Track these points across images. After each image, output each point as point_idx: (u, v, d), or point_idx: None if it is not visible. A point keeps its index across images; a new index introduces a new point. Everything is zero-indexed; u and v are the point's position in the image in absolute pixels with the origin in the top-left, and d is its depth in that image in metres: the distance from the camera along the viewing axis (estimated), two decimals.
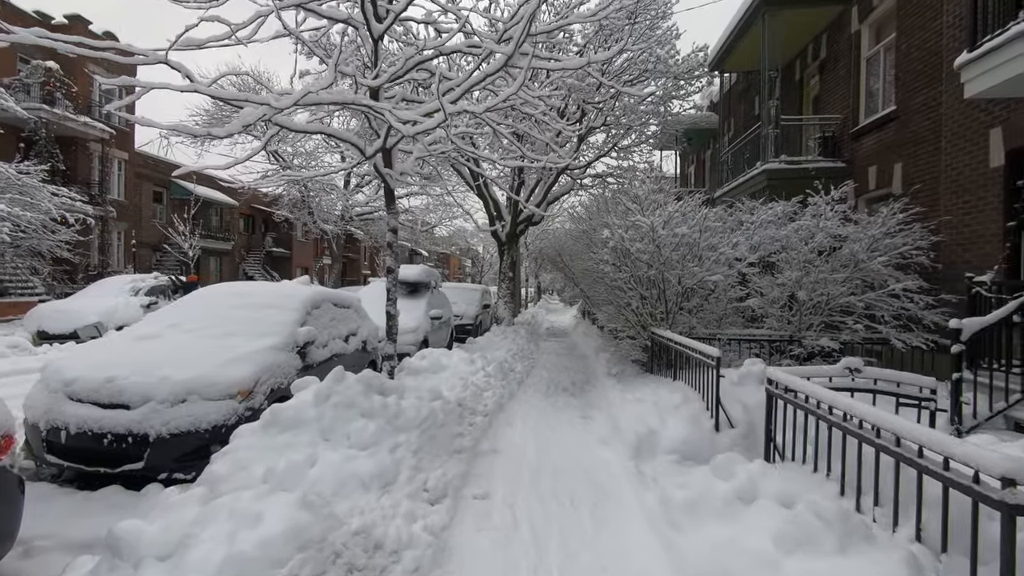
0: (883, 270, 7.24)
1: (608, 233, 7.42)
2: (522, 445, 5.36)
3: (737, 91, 16.34)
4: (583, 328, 19.32)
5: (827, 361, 7.77)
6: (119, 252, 24.92)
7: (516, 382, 8.63)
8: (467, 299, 17.57)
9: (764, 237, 7.68)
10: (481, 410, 6.07)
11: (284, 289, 6.31)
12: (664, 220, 7.28)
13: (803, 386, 3.32)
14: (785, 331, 7.89)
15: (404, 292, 11.25)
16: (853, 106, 10.31)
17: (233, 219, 33.35)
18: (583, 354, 13.27)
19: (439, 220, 34.30)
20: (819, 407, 3.14)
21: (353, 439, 3.86)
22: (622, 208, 8.09)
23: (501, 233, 17.44)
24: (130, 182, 25.54)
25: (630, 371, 8.81)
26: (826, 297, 7.56)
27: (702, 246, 7.55)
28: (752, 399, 5.10)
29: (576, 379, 9.42)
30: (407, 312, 10.43)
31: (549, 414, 6.80)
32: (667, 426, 4.95)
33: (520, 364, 10.13)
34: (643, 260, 7.62)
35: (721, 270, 7.45)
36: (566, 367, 11.03)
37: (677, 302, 7.83)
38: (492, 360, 9.01)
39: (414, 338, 9.73)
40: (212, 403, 4.32)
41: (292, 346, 5.41)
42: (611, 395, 7.19)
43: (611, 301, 8.93)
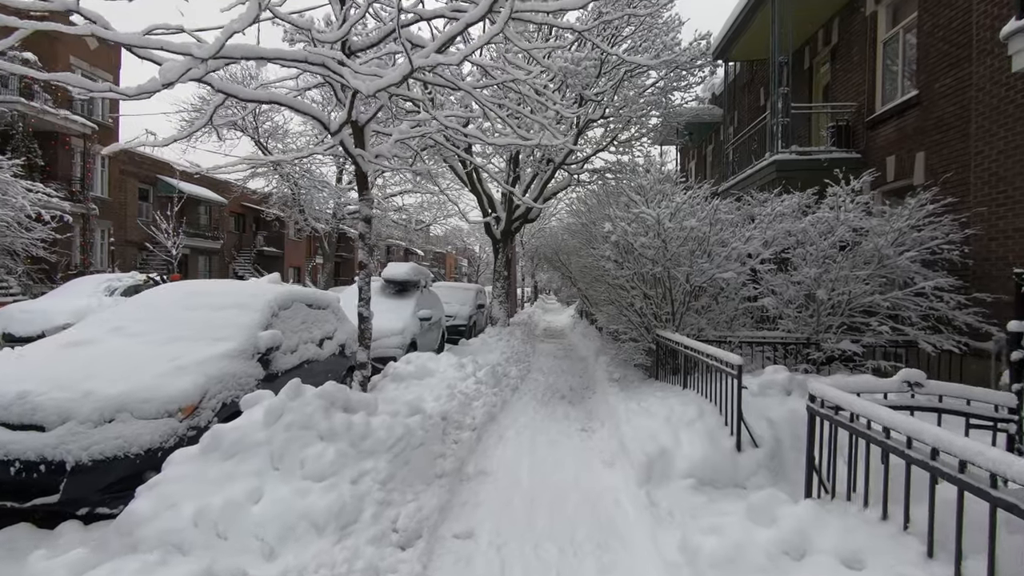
0: (911, 266, 6.61)
1: (610, 227, 6.77)
2: (515, 466, 4.70)
3: (741, 83, 15.72)
4: (581, 329, 18.67)
5: (847, 366, 7.14)
6: (103, 251, 24.16)
7: (510, 389, 7.98)
8: (460, 299, 16.90)
9: (779, 231, 7.03)
10: (469, 424, 5.41)
11: (248, 288, 5.64)
12: (671, 212, 6.63)
13: (858, 406, 2.67)
14: (802, 333, 7.25)
15: (391, 292, 10.59)
16: (869, 93, 9.68)
17: (223, 217, 32.58)
18: (582, 356, 12.62)
19: (434, 218, 33.66)
20: (887, 436, 2.48)
21: (308, 467, 3.19)
22: (625, 200, 7.44)
23: (496, 230, 16.79)
24: (114, 179, 24.78)
25: (633, 376, 8.16)
26: (847, 296, 6.92)
27: (712, 241, 6.90)
28: (777, 412, 4.46)
29: (575, 385, 8.77)
30: (393, 313, 9.78)
31: (546, 426, 6.14)
32: (681, 445, 4.30)
33: (515, 368, 9.47)
34: (648, 256, 6.97)
35: (733, 267, 6.81)
36: (564, 371, 10.37)
37: (684, 302, 7.18)
38: (484, 364, 8.36)
39: (400, 341, 9.07)
40: (146, 422, 3.65)
41: (252, 353, 4.74)
42: (614, 403, 6.53)
43: (612, 301, 8.27)
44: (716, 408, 4.75)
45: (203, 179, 30.40)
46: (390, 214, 32.07)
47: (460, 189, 28.65)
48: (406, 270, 10.47)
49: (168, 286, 5.58)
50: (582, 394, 8.08)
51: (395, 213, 32.28)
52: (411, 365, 7.48)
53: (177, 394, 3.83)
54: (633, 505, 3.82)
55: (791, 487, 3.93)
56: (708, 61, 13.91)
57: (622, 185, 8.31)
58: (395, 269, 10.51)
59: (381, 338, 8.98)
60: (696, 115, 17.64)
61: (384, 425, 3.70)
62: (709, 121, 17.99)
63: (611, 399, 6.74)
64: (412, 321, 9.82)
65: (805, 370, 7.06)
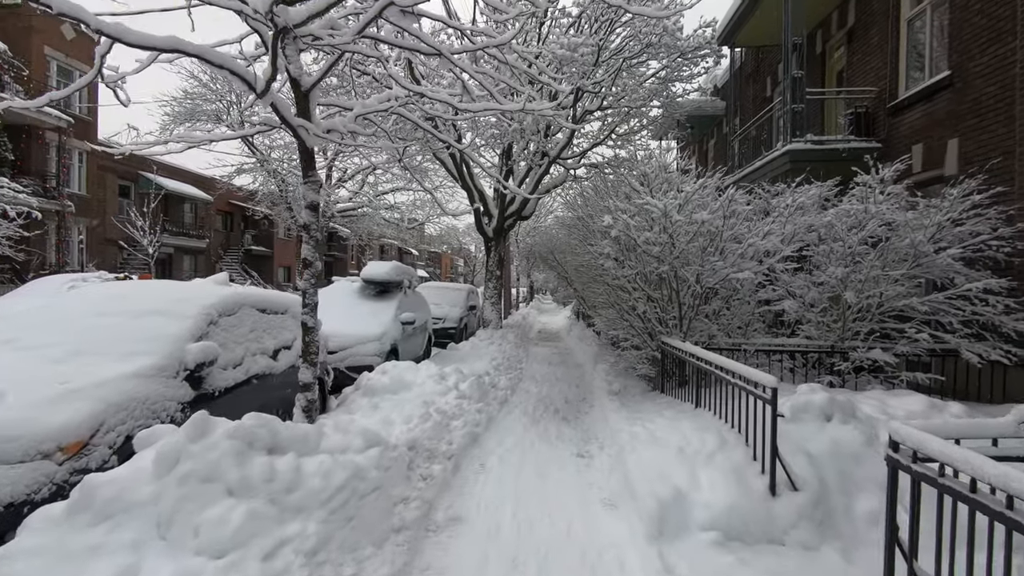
0: (954, 265, 5.80)
1: (610, 220, 5.93)
2: (496, 507, 3.86)
3: (745, 73, 14.92)
4: (577, 332, 17.85)
5: (877, 378, 6.33)
6: (80, 249, 23.22)
7: (498, 402, 7.13)
8: (451, 300, 16.06)
9: (800, 225, 6.21)
10: (444, 451, 4.56)
11: (183, 291, 4.77)
12: (680, 203, 5.80)
13: (976, 465, 1.83)
14: (825, 341, 6.44)
15: (371, 294, 9.75)
16: (891, 77, 8.88)
17: (209, 216, 31.65)
18: (578, 363, 11.78)
19: (427, 217, 32.77)
20: None
21: (205, 537, 2.35)
22: (626, 190, 6.61)
23: (487, 228, 15.94)
24: (92, 175, 23.83)
25: (634, 388, 7.33)
26: (877, 299, 6.11)
27: (725, 237, 6.08)
28: (817, 444, 3.63)
29: (571, 396, 7.93)
30: (372, 316, 8.94)
31: (536, 450, 5.30)
32: (700, 486, 3.47)
33: (504, 377, 8.63)
34: (652, 254, 6.14)
35: (750, 266, 5.98)
36: (559, 379, 9.54)
37: (694, 305, 6.36)
38: (469, 375, 7.51)
39: (378, 347, 8.22)
40: (7, 468, 2.80)
41: (176, 369, 3.89)
42: (615, 423, 5.70)
43: (612, 303, 7.43)
44: (741, 436, 3.92)
45: (188, 176, 29.48)
46: (382, 212, 31.20)
47: (453, 186, 27.89)
48: (387, 269, 9.62)
49: (81, 290, 4.72)
50: (578, 408, 7.24)
51: (387, 211, 31.42)
52: (386, 376, 6.64)
53: (57, 428, 2.98)
54: (643, 570, 2.98)
55: (843, 544, 3.11)
56: (713, 49, 13.09)
57: (624, 173, 7.48)
58: (375, 268, 9.66)
59: (357, 345, 8.14)
60: (698, 107, 16.85)
61: (322, 470, 2.85)
62: (712, 114, 17.20)
63: (611, 417, 5.90)
64: (393, 325, 8.97)
65: (831, 383, 6.25)
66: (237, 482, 2.54)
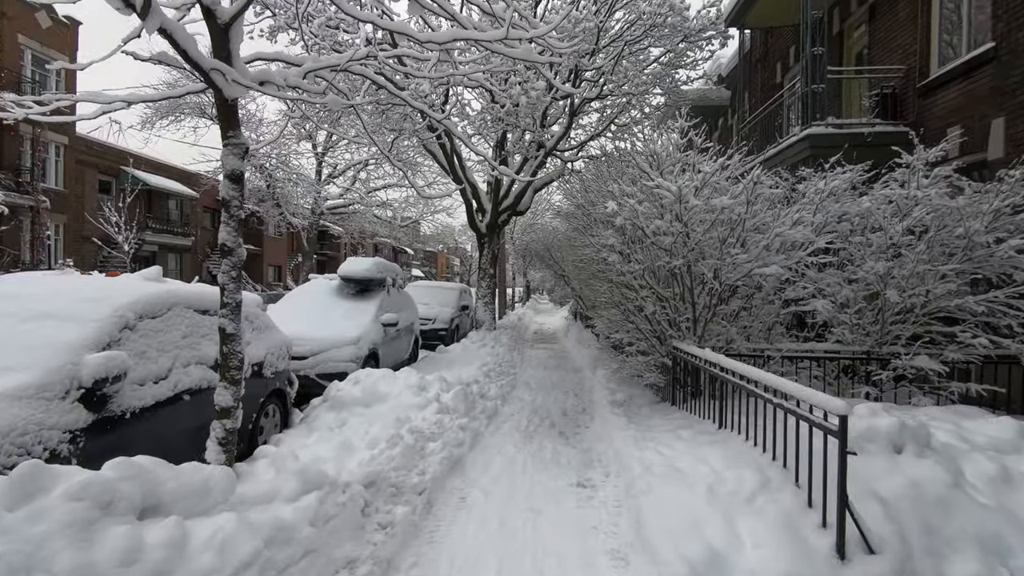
0: (1018, 258, 4.98)
1: (614, 206, 5.10)
2: (474, 565, 3.01)
3: (753, 59, 14.10)
4: (575, 333, 17.01)
5: (921, 389, 5.50)
6: (57, 246, 22.28)
7: (487, 415, 6.28)
8: (442, 300, 15.22)
9: (833, 213, 5.39)
10: (414, 485, 3.70)
11: (95, 288, 3.91)
12: (697, 186, 4.97)
13: None
14: (859, 345, 5.62)
15: (351, 292, 8.88)
16: (921, 53, 8.06)
17: (195, 213, 30.70)
18: (577, 367, 10.94)
19: (420, 215, 31.90)
20: None
21: None
22: (633, 173, 5.78)
23: (480, 223, 15.10)
24: (70, 169, 22.88)
25: (641, 399, 6.50)
26: (923, 298, 5.29)
27: (748, 226, 5.24)
28: (890, 485, 2.80)
29: (569, 407, 7.09)
30: (349, 318, 8.08)
31: (529, 477, 4.46)
32: (742, 542, 2.63)
33: (495, 385, 7.78)
34: (663, 246, 5.31)
35: (777, 260, 5.15)
36: (555, 386, 8.70)
37: (710, 305, 5.53)
38: (455, 382, 6.67)
39: (353, 352, 7.36)
40: None
41: (65, 388, 3.03)
42: (622, 443, 4.86)
43: (616, 303, 6.59)
44: (787, 472, 3.08)
45: (173, 172, 28.53)
46: (373, 210, 30.31)
47: (446, 182, 27.02)
48: (367, 266, 8.76)
49: None
50: (577, 421, 6.40)
51: (379, 209, 30.53)
52: (358, 387, 5.79)
53: None
54: None
55: None
56: (719, 32, 12.25)
57: (631, 151, 6.63)
58: (354, 265, 8.80)
59: (330, 349, 7.29)
60: (702, 96, 16.04)
61: (217, 540, 2.00)
62: (716, 104, 16.38)
63: (617, 436, 5.06)
64: (372, 328, 8.11)
65: (867, 394, 5.43)
66: (71, 573, 1.69)
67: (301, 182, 27.18)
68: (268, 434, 5.29)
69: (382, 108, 13.37)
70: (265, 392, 5.17)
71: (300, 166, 27.74)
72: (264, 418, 5.27)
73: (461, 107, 13.11)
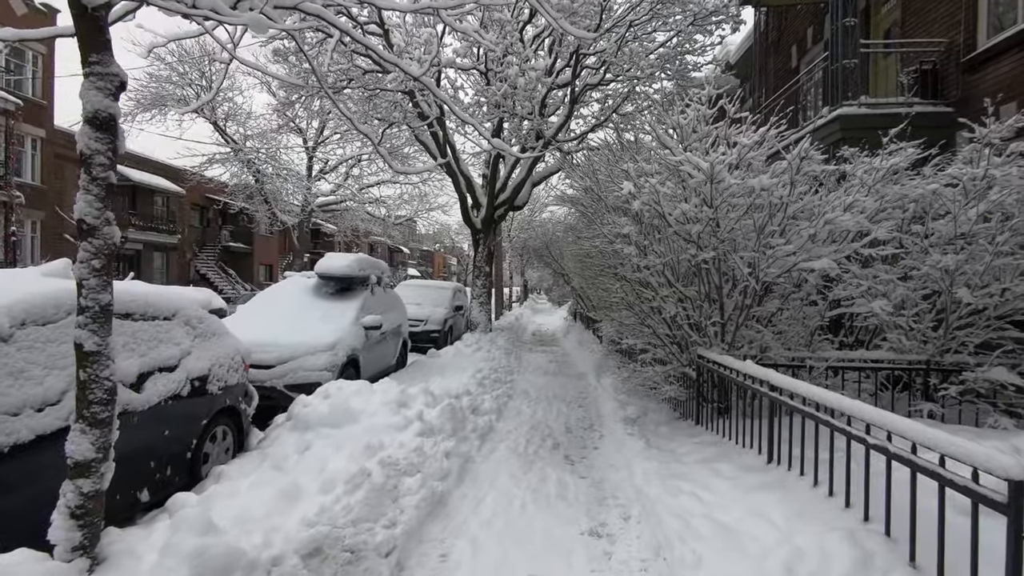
0: None
1: (631, 188, 4.23)
2: None
3: (767, 43, 13.24)
4: (576, 334, 16.15)
5: (994, 406, 4.64)
6: (33, 244, 21.31)
7: (479, 435, 5.40)
8: (434, 300, 14.32)
9: (891, 197, 4.53)
10: (378, 544, 2.81)
11: None
12: (731, 163, 4.10)
13: None
14: (918, 354, 4.76)
15: (329, 292, 7.99)
16: (967, 24, 7.21)
17: (182, 210, 29.72)
18: (579, 373, 10.07)
19: (415, 212, 30.98)
20: None
21: None
22: (652, 147, 4.91)
23: (475, 218, 14.21)
24: (48, 163, 21.93)
25: (657, 415, 5.63)
26: (997, 298, 4.44)
27: (791, 211, 4.37)
28: None
29: (573, 423, 6.21)
30: (326, 321, 7.20)
31: (528, 519, 3.59)
32: None
33: (490, 396, 6.90)
34: (689, 236, 4.44)
35: (827, 251, 4.29)
36: (557, 396, 7.82)
37: (743, 306, 4.66)
38: (443, 395, 5.79)
39: (329, 360, 6.47)
40: None
41: None
42: (642, 476, 3.99)
43: (629, 303, 5.70)
44: (890, 540, 2.21)
45: (159, 167, 27.56)
46: (367, 207, 29.39)
47: (442, 179, 26.10)
48: (347, 263, 7.87)
49: None
50: (584, 439, 5.52)
51: (372, 206, 29.60)
52: (326, 403, 4.91)
53: None
54: None
55: None
56: (731, 16, 11.38)
57: (651, 121, 5.74)
58: (332, 261, 7.90)
59: (302, 356, 6.40)
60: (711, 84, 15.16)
61: None
62: (725, 92, 15.51)
63: (636, 467, 4.18)
64: (352, 331, 7.22)
65: (930, 412, 4.57)
66: None
67: (291, 178, 26.25)
68: (216, 462, 4.42)
69: (368, 93, 12.50)
70: (210, 412, 4.29)
71: (290, 161, 26.83)
72: (211, 443, 4.40)
73: (454, 91, 12.23)
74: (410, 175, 21.65)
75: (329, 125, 25.47)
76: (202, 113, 24.18)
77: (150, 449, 3.64)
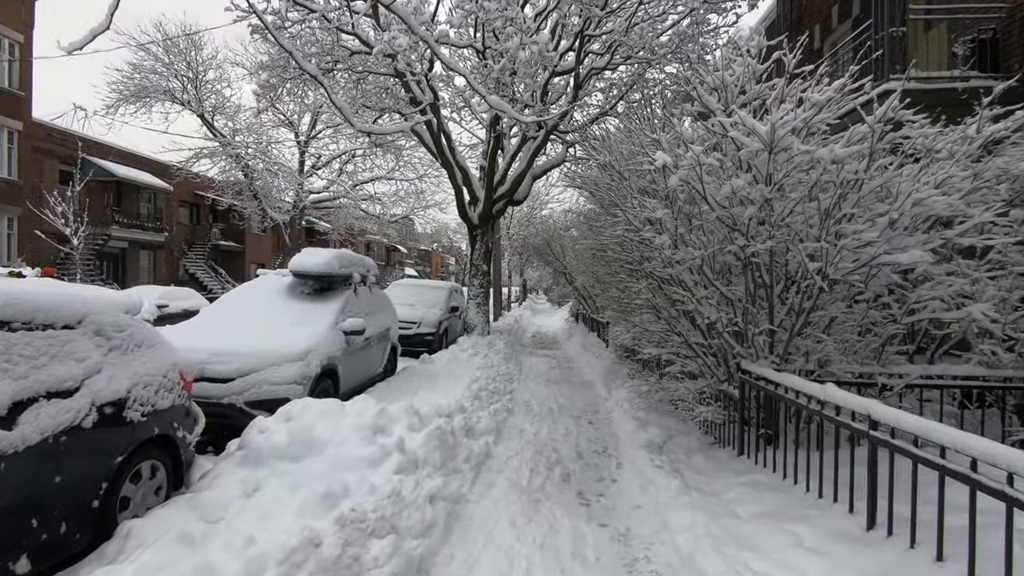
0: None
1: (665, 159, 3.30)
2: None
3: (783, 25, 12.34)
4: (579, 337, 15.23)
5: None
6: (10, 241, 20.32)
7: (472, 465, 4.48)
8: (429, 300, 13.40)
9: (992, 172, 3.61)
10: None
11: None
12: (798, 126, 3.19)
13: None
14: (1017, 369, 3.85)
15: (306, 292, 7.07)
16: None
17: (170, 207, 28.73)
18: (586, 381, 9.15)
19: (411, 209, 30.02)
20: None
21: None
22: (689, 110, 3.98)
23: (472, 213, 13.28)
24: (26, 158, 20.93)
25: (686, 439, 4.72)
26: None
27: (864, 192, 3.45)
28: None
29: (584, 445, 5.29)
30: (298, 325, 6.27)
31: None
32: None
33: (487, 412, 5.98)
34: (734, 223, 3.52)
35: (915, 241, 3.37)
36: (563, 409, 6.91)
37: (802, 310, 3.74)
38: (430, 414, 4.86)
39: (299, 371, 5.53)
40: None
41: None
42: (684, 537, 3.07)
43: (655, 306, 4.74)
44: None
45: (145, 163, 26.56)
46: (361, 204, 28.43)
47: (439, 175, 25.14)
48: (325, 259, 6.94)
49: None
50: (599, 468, 4.61)
51: (367, 203, 28.63)
52: (287, 428, 3.99)
53: None
54: None
55: None
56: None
57: (691, 77, 4.80)
58: (308, 258, 6.97)
59: (265, 368, 5.46)
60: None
61: None
62: None
63: (673, 518, 3.25)
64: (329, 337, 6.29)
65: None
66: None
67: (282, 173, 25.28)
68: (141, 506, 3.49)
69: (356, 76, 11.57)
70: (128, 445, 3.35)
71: (280, 155, 25.86)
72: (132, 484, 3.46)
73: (448, 78, 11.28)
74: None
75: (321, 119, 24.57)
76: (189, 106, 23.25)
77: (29, 502, 2.72)
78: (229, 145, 23.51)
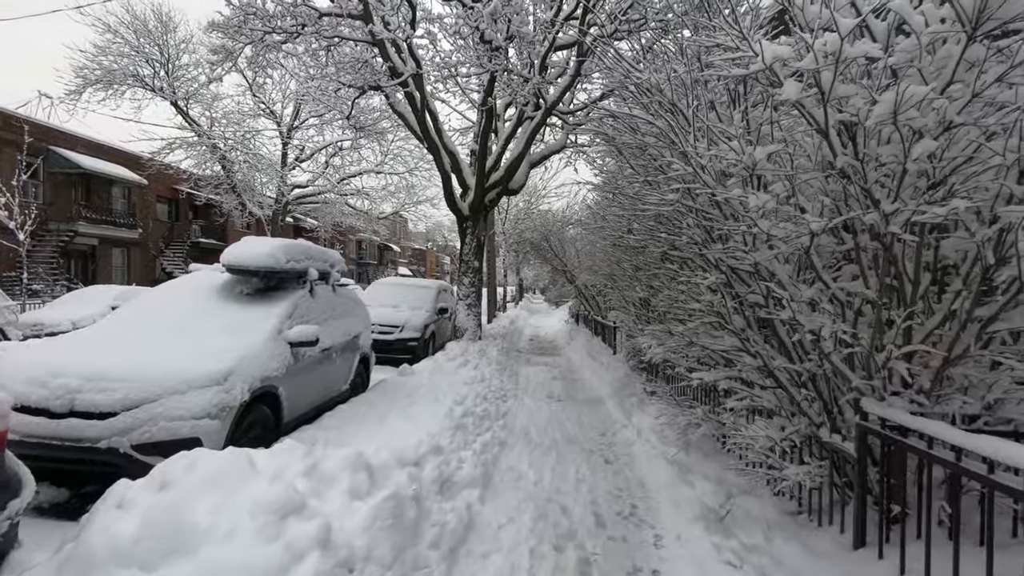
0: None
1: (777, 51, 1.82)
2: None
3: None
4: (581, 341, 13.76)
5: None
6: None
7: (442, 553, 3.01)
8: (413, 301, 11.90)
9: None
10: None
11: None
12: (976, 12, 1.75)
13: None
14: None
15: (247, 292, 5.58)
16: None
17: (145, 202, 27.12)
18: (595, 397, 7.68)
19: (401, 205, 28.51)
20: None
21: None
22: None
23: (462, 203, 11.82)
24: None
25: (755, 506, 3.26)
26: None
27: None
28: None
29: (603, 502, 3.83)
30: (222, 337, 4.77)
31: None
32: None
33: (471, 451, 4.51)
34: (891, 170, 2.06)
35: None
36: (571, 440, 5.45)
37: (965, 306, 2.30)
38: (387, 465, 3.38)
39: (213, 401, 4.04)
40: None
41: None
42: None
43: (721, 314, 3.20)
44: None
45: (117, 155, 24.93)
46: (347, 200, 26.91)
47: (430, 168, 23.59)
48: (267, 250, 5.43)
49: None
50: (631, 550, 3.15)
51: (354, 198, 27.11)
52: (145, 510, 2.51)
53: None
54: None
55: None
56: None
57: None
58: (244, 249, 5.46)
59: (163, 397, 3.95)
60: None
61: None
62: None
63: None
64: (267, 351, 4.79)
65: None
66: None
67: (263, 166, 23.72)
68: None
69: (326, 43, 10.08)
70: None
71: (261, 146, 24.29)
72: None
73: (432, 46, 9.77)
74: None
75: (305, 109, 23.07)
76: (161, 93, 21.67)
77: None
78: (205, 135, 21.98)
